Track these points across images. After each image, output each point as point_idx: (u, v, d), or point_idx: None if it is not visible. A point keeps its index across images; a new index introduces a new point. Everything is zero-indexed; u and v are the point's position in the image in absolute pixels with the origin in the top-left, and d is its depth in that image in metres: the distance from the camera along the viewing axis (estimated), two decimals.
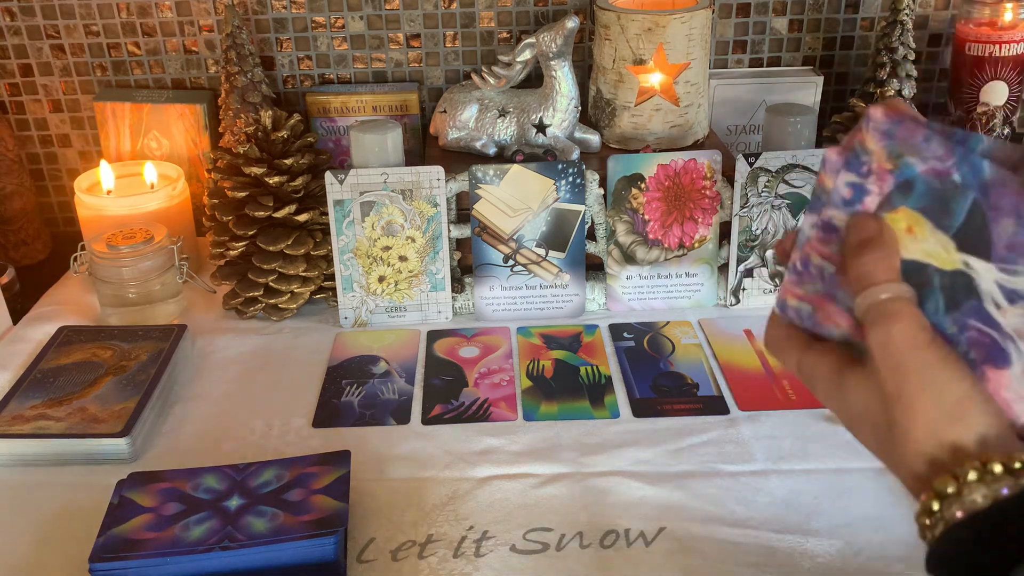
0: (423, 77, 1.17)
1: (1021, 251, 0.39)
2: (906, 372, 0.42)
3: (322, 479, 0.69)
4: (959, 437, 0.41)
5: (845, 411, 0.46)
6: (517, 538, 0.68)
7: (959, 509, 0.40)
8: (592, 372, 0.88)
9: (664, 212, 0.95)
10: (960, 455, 0.41)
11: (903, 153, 0.41)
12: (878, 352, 0.43)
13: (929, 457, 0.42)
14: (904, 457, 0.43)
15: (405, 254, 0.94)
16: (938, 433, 0.41)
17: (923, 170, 0.41)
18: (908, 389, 0.42)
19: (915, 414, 0.42)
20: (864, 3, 1.15)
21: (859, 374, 0.45)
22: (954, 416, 0.41)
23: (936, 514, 0.41)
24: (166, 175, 1.08)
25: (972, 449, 0.41)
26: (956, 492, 0.40)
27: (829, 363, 0.46)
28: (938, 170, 0.41)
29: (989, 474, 0.39)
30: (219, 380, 0.88)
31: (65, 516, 0.71)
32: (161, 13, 1.12)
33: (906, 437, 0.42)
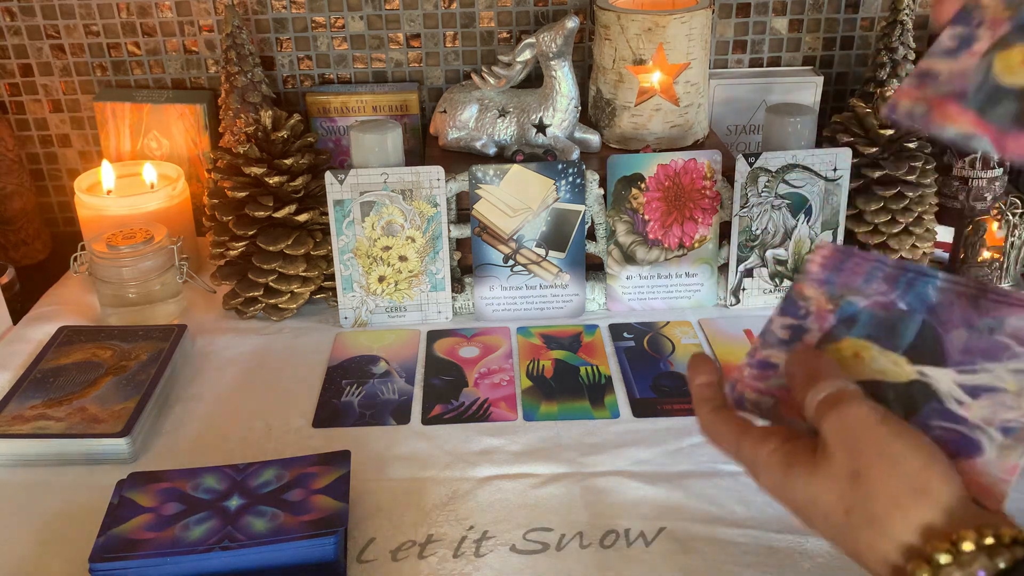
0: (423, 77, 1.17)
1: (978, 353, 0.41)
2: (862, 450, 0.41)
3: (322, 479, 0.69)
4: (925, 514, 0.40)
5: (791, 499, 0.44)
6: (517, 538, 0.68)
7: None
8: (592, 372, 0.88)
9: (664, 212, 0.95)
10: (929, 536, 0.39)
11: (844, 295, 0.45)
12: (832, 437, 0.42)
13: (899, 542, 0.40)
14: (872, 543, 0.41)
15: (405, 254, 0.94)
16: (903, 508, 0.40)
17: (866, 304, 0.44)
18: (866, 465, 0.41)
19: (876, 491, 0.40)
20: (864, 3, 1.15)
21: (805, 462, 0.43)
22: (917, 488, 0.40)
23: None
24: (166, 175, 1.08)
25: (940, 524, 0.39)
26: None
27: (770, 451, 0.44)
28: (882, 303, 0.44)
29: (961, 555, 0.38)
30: (219, 380, 0.88)
31: (65, 516, 0.71)
32: (161, 13, 1.12)
33: (871, 520, 0.41)
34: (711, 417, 0.48)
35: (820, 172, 0.93)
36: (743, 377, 0.48)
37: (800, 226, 0.95)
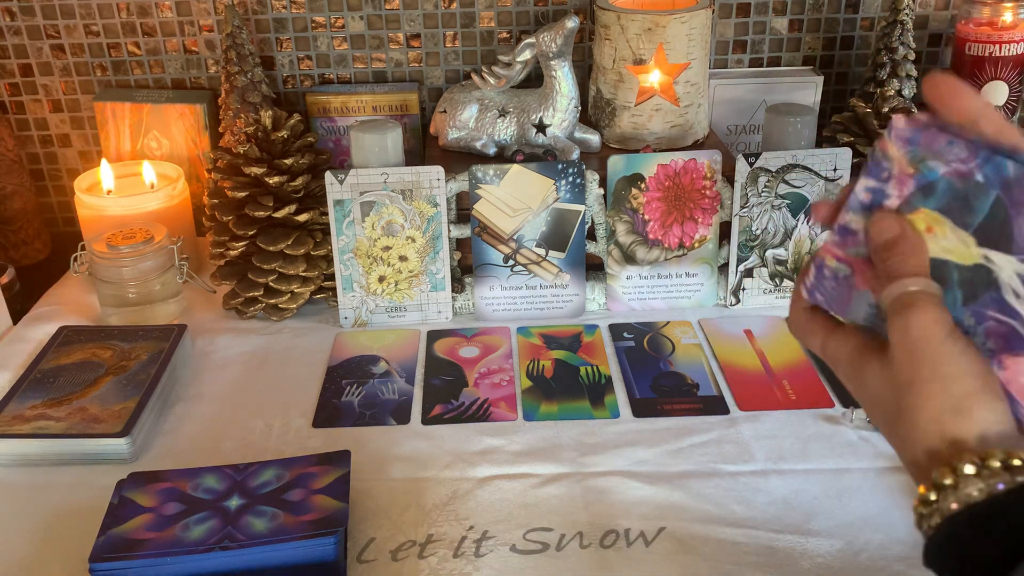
0: (423, 77, 1.17)
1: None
2: (920, 362, 0.43)
3: (322, 479, 0.69)
4: (960, 431, 0.42)
5: (862, 394, 0.48)
6: (517, 538, 0.68)
7: (955, 501, 0.41)
8: (592, 372, 0.88)
9: (664, 212, 0.95)
10: (959, 449, 0.42)
11: (925, 158, 0.43)
12: (896, 340, 0.44)
13: (930, 448, 0.43)
14: (908, 445, 0.44)
15: (405, 254, 0.94)
16: (941, 424, 0.42)
17: (945, 172, 0.43)
18: (920, 378, 0.43)
19: (922, 403, 0.43)
20: (864, 3, 1.15)
21: (877, 360, 0.46)
22: (959, 410, 0.42)
23: (932, 505, 0.42)
24: (166, 175, 1.08)
25: (972, 444, 0.42)
26: (953, 484, 0.41)
27: (851, 347, 0.48)
28: (961, 171, 0.42)
29: (986, 469, 0.40)
30: (219, 380, 0.88)
31: (65, 516, 0.71)
32: (161, 13, 1.12)
33: (912, 425, 0.44)
34: (805, 315, 0.51)
35: (820, 172, 0.93)
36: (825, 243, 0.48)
37: (800, 226, 0.95)
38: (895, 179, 0.44)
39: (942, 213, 0.43)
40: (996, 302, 0.42)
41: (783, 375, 0.86)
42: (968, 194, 0.42)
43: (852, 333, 0.49)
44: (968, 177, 0.42)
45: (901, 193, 0.44)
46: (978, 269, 0.42)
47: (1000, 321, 0.42)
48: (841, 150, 0.93)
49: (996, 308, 0.42)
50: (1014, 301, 0.41)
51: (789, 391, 0.84)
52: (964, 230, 0.43)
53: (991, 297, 0.42)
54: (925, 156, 0.43)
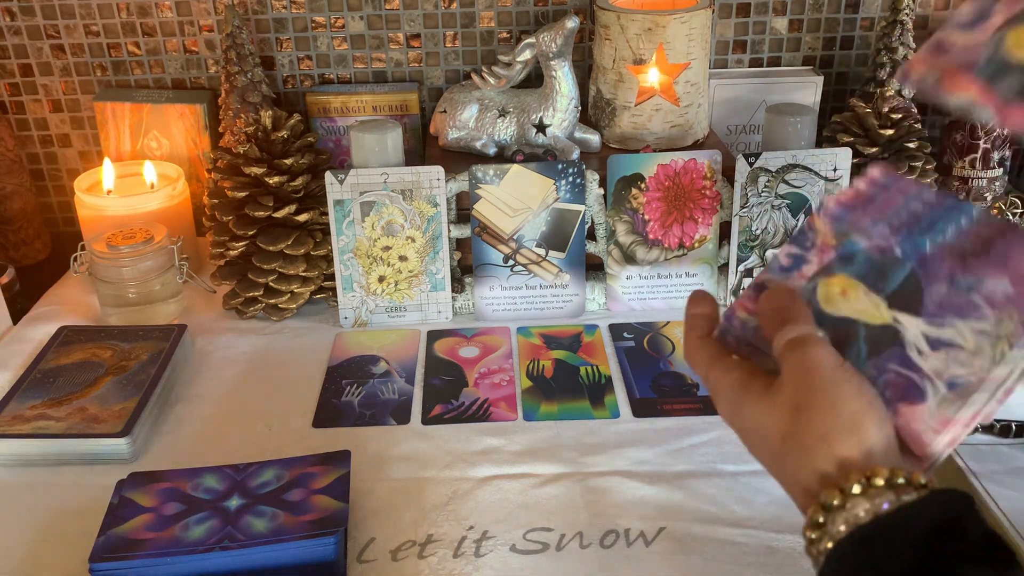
0: (423, 77, 1.17)
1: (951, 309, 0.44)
2: (812, 387, 0.44)
3: (322, 479, 0.69)
4: (848, 450, 0.42)
5: (739, 424, 0.48)
6: (517, 538, 0.68)
7: (843, 523, 0.41)
8: (592, 372, 0.88)
9: (664, 212, 0.95)
10: (847, 468, 0.42)
11: (850, 233, 0.47)
12: (788, 373, 0.45)
13: (819, 471, 0.43)
14: (796, 470, 0.44)
15: (405, 254, 0.94)
16: (830, 443, 0.43)
17: (867, 246, 0.47)
18: (809, 401, 0.44)
19: (811, 423, 0.43)
20: (864, 3, 1.15)
21: (759, 392, 0.47)
22: (848, 428, 0.43)
23: (822, 528, 0.42)
24: (166, 175, 1.08)
25: (859, 461, 0.42)
26: (841, 505, 0.41)
27: (732, 379, 0.48)
28: (881, 247, 0.46)
29: (872, 488, 0.41)
30: (219, 380, 0.88)
31: (65, 516, 0.71)
32: (161, 13, 1.12)
33: (800, 446, 0.44)
34: (695, 343, 0.51)
35: (820, 172, 0.93)
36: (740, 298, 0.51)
37: (800, 226, 0.95)
38: (817, 248, 0.48)
39: (858, 279, 0.47)
40: (898, 357, 0.45)
41: None
42: (885, 266, 0.46)
43: (736, 365, 0.49)
44: (888, 251, 0.46)
45: (821, 261, 0.48)
46: (885, 328, 0.45)
47: (900, 374, 0.44)
48: (841, 150, 0.93)
49: (898, 363, 0.44)
50: (916, 357, 0.44)
51: None
52: (877, 295, 0.46)
53: (894, 352, 0.45)
54: (850, 231, 0.47)
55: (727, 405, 0.49)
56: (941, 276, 0.44)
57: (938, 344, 0.44)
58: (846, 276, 0.47)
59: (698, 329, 0.52)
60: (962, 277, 0.44)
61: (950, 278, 0.44)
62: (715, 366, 0.50)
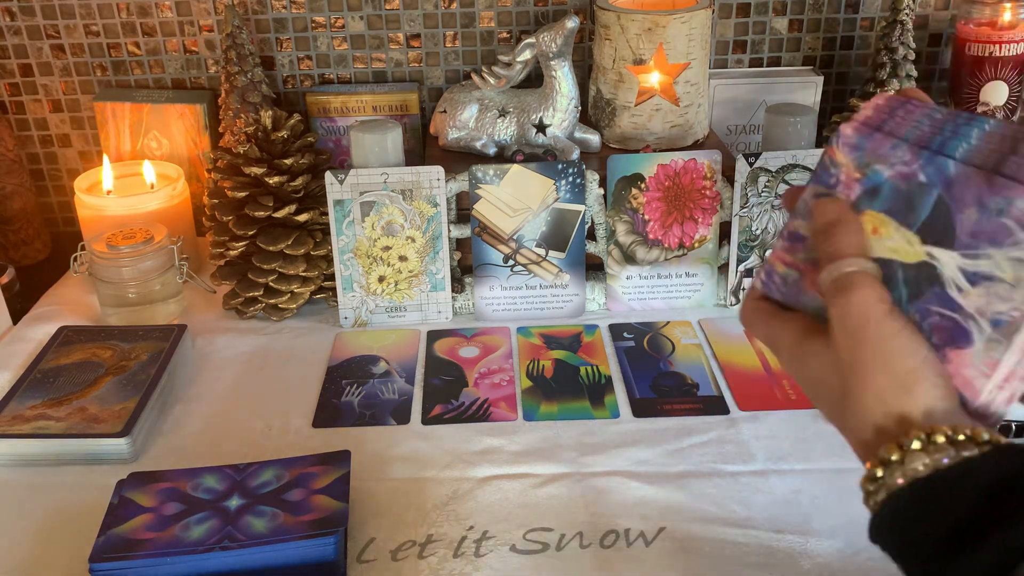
0: (423, 77, 1.17)
1: (984, 236, 0.41)
2: (861, 341, 0.44)
3: (322, 479, 0.69)
4: (906, 408, 0.42)
5: (804, 377, 0.48)
6: (517, 538, 0.68)
7: (900, 476, 0.41)
8: (592, 372, 0.88)
9: (664, 212, 0.95)
10: (906, 425, 0.42)
11: (871, 162, 0.45)
12: (836, 321, 0.45)
13: (877, 425, 0.43)
14: (855, 426, 0.44)
15: (405, 254, 0.94)
16: (887, 402, 0.43)
17: (890, 175, 0.44)
18: (862, 357, 0.44)
19: (866, 382, 0.43)
20: (864, 3, 1.15)
21: (818, 342, 0.46)
22: (903, 387, 0.43)
23: (879, 480, 0.42)
24: (166, 175, 1.08)
25: (918, 420, 0.42)
26: (899, 460, 0.41)
27: (792, 330, 0.48)
28: (904, 173, 0.44)
29: (932, 444, 0.41)
30: (219, 380, 0.88)
31: (65, 516, 0.71)
32: (161, 13, 1.12)
33: (857, 405, 0.44)
34: (753, 304, 0.51)
35: None
36: (775, 249, 0.49)
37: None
38: (842, 184, 0.46)
39: (887, 214, 0.45)
40: (939, 297, 0.43)
41: (783, 375, 0.86)
42: (912, 194, 0.44)
43: (795, 317, 0.49)
44: (911, 178, 0.44)
45: (848, 197, 0.46)
46: (922, 266, 0.43)
47: (943, 316, 0.43)
48: None
49: (939, 304, 0.43)
50: (956, 295, 0.42)
51: (789, 391, 0.84)
52: (908, 229, 0.44)
53: (935, 293, 0.43)
54: (871, 160, 0.45)
55: (788, 361, 0.49)
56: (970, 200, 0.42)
57: (976, 278, 0.41)
58: (875, 212, 0.45)
59: (754, 291, 0.52)
60: (991, 199, 0.41)
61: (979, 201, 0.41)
62: (773, 323, 0.49)
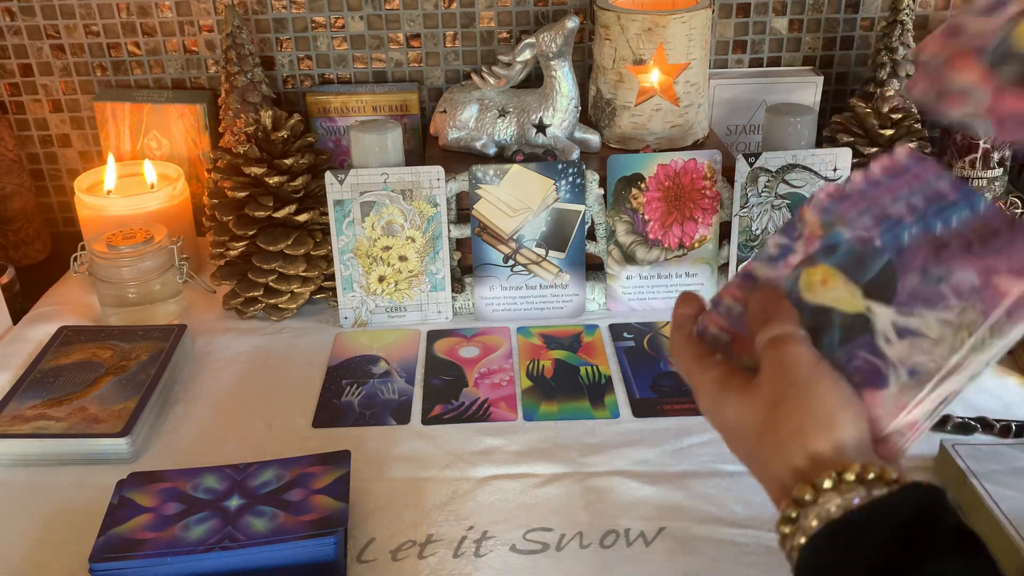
0: (423, 77, 1.17)
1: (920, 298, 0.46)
2: (790, 381, 0.45)
3: (322, 479, 0.69)
4: (820, 445, 0.43)
5: (719, 420, 0.49)
6: (517, 538, 0.68)
7: (815, 518, 0.41)
8: (592, 372, 0.88)
9: (664, 212, 0.95)
10: (819, 464, 0.43)
11: (835, 224, 0.50)
12: (767, 370, 0.46)
13: (792, 466, 0.43)
14: (771, 465, 0.45)
15: (405, 254, 0.94)
16: (804, 437, 0.44)
17: (850, 236, 0.49)
18: (787, 394, 0.45)
19: (787, 419, 0.44)
20: (864, 3, 1.15)
21: (737, 389, 0.47)
22: (821, 423, 0.44)
23: (795, 522, 0.42)
24: (166, 175, 1.08)
25: (830, 456, 0.43)
26: (812, 500, 0.42)
27: (713, 376, 0.49)
28: (863, 238, 0.48)
29: (843, 483, 0.41)
30: (219, 380, 0.88)
31: (65, 516, 0.71)
32: (161, 13, 1.12)
33: (776, 443, 0.45)
34: (681, 341, 0.52)
35: (820, 172, 0.93)
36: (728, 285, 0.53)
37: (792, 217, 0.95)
38: (804, 239, 0.51)
39: (838, 268, 0.49)
40: (868, 345, 0.47)
41: None
42: (865, 256, 0.48)
43: (717, 363, 0.50)
44: (869, 242, 0.48)
45: (807, 250, 0.50)
46: (858, 317, 0.47)
47: (867, 360, 0.46)
48: (841, 150, 0.93)
49: (866, 350, 0.46)
50: (884, 345, 0.46)
51: None
52: (855, 284, 0.48)
53: (864, 340, 0.47)
54: (835, 222, 0.50)
55: (707, 402, 0.49)
56: (915, 266, 0.46)
57: (905, 332, 0.46)
58: (828, 266, 0.49)
59: (684, 328, 0.53)
60: (934, 268, 0.46)
61: (923, 269, 0.46)
62: (697, 364, 0.50)
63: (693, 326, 0.52)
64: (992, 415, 0.79)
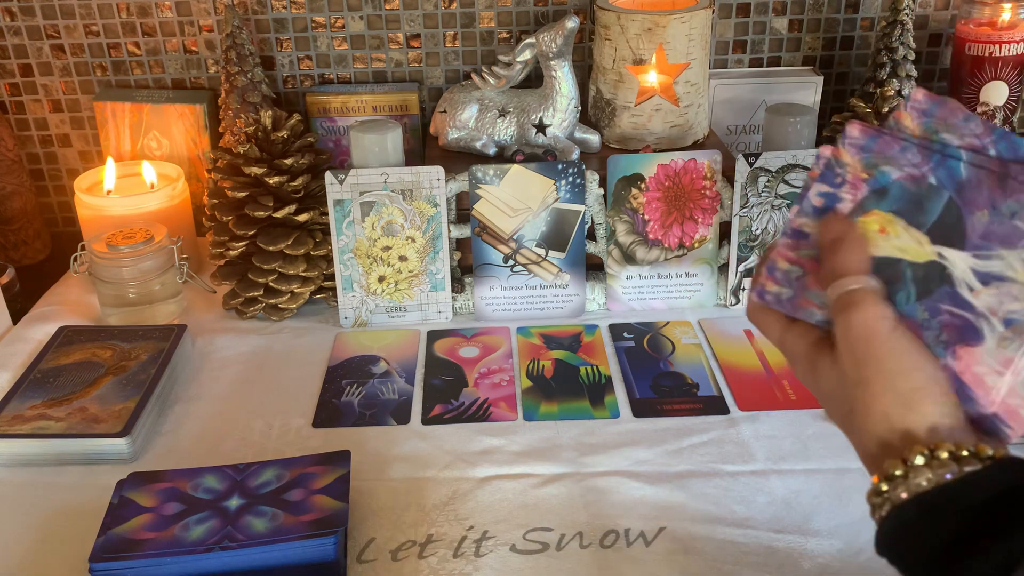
0: (423, 77, 1.17)
1: (996, 238, 0.42)
2: (865, 360, 0.45)
3: (322, 479, 0.69)
4: (911, 425, 0.43)
5: (817, 389, 0.49)
6: (517, 538, 0.68)
7: (904, 491, 0.42)
8: (592, 372, 0.88)
9: (664, 212, 0.95)
10: (910, 440, 0.43)
11: (879, 163, 0.45)
12: (841, 340, 0.46)
13: (882, 440, 0.44)
14: (862, 440, 0.46)
15: (405, 254, 0.94)
16: (891, 419, 0.44)
17: (898, 176, 0.45)
18: (866, 376, 0.44)
19: (871, 400, 0.44)
20: (864, 3, 1.15)
21: (829, 358, 0.47)
22: (908, 405, 0.43)
23: (884, 494, 0.43)
24: (166, 175, 1.08)
25: (922, 437, 0.43)
26: (903, 475, 0.42)
27: (807, 343, 0.49)
28: (914, 175, 0.44)
29: (936, 460, 0.42)
30: (219, 380, 0.88)
31: (65, 516, 0.71)
32: (161, 13, 1.12)
33: (863, 421, 0.45)
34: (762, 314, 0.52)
35: None
36: (778, 245, 0.49)
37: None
38: (848, 184, 0.46)
39: (896, 214, 0.45)
40: (950, 296, 0.43)
41: (783, 375, 0.86)
42: (921, 196, 0.44)
43: (809, 329, 0.50)
44: (921, 180, 0.44)
45: (855, 197, 0.46)
46: (932, 266, 0.44)
47: (954, 314, 0.43)
48: None
49: (950, 302, 0.43)
50: (967, 294, 0.43)
51: (789, 391, 0.84)
52: (918, 229, 0.44)
53: (945, 291, 0.43)
54: (878, 162, 0.45)
55: (803, 373, 0.50)
56: (981, 203, 0.42)
57: (988, 278, 0.42)
58: (882, 212, 0.45)
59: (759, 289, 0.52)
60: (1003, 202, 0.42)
61: (991, 204, 0.42)
62: (789, 332, 0.50)
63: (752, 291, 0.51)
64: None
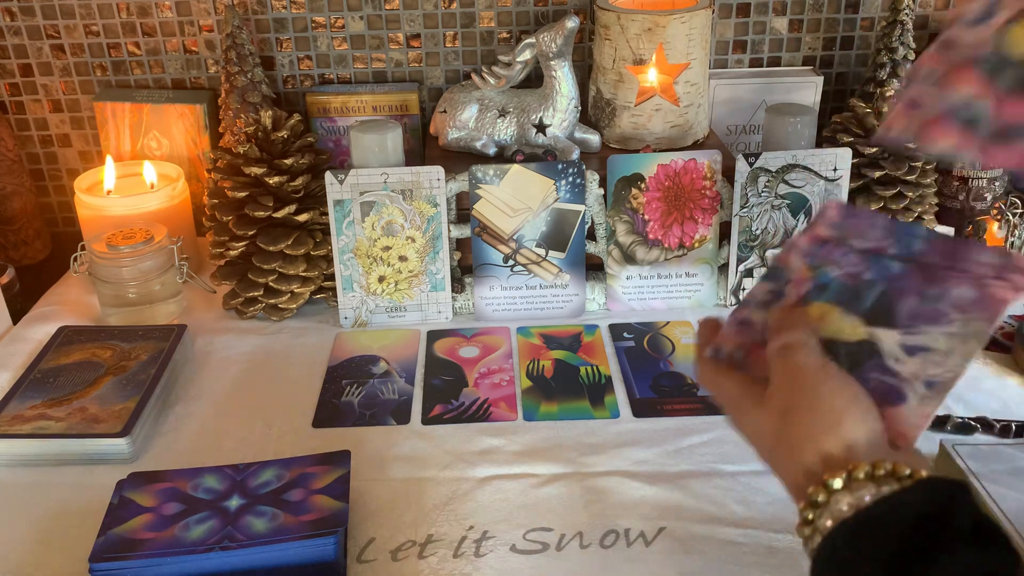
0: (423, 77, 1.17)
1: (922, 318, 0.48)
2: (796, 389, 0.46)
3: (322, 479, 0.69)
4: (831, 447, 0.44)
5: (743, 430, 0.51)
6: (517, 538, 0.68)
7: (829, 518, 0.42)
8: (592, 372, 0.88)
9: (664, 212, 0.95)
10: (830, 464, 0.43)
11: (822, 265, 0.52)
12: (777, 378, 0.48)
13: (806, 468, 0.45)
14: (788, 470, 0.46)
15: (405, 254, 0.94)
16: (815, 441, 0.45)
17: (838, 275, 0.51)
18: (795, 401, 0.46)
19: (797, 424, 0.45)
20: (864, 3, 1.15)
21: (755, 399, 0.49)
22: (829, 425, 0.44)
23: (812, 524, 0.43)
24: (166, 175, 1.08)
25: (840, 457, 0.43)
26: (825, 501, 0.42)
27: (734, 389, 0.51)
28: (852, 273, 0.51)
29: (853, 481, 0.42)
30: (219, 380, 0.88)
31: (65, 516, 0.71)
32: (161, 13, 1.12)
33: (789, 448, 0.46)
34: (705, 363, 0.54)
35: (820, 172, 0.93)
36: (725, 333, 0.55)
37: (800, 226, 0.95)
38: (793, 282, 0.52)
39: (833, 304, 0.50)
40: (878, 366, 0.48)
41: None
42: (858, 289, 0.50)
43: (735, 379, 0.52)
44: (858, 276, 0.50)
45: (799, 292, 0.52)
46: (863, 343, 0.49)
47: (881, 381, 0.47)
48: (841, 150, 0.93)
49: (878, 371, 0.48)
50: (894, 364, 0.48)
51: None
52: (854, 315, 0.50)
53: (874, 363, 0.48)
54: (822, 264, 0.52)
55: (733, 413, 0.51)
56: (911, 291, 0.49)
57: (914, 350, 0.47)
58: (822, 303, 0.51)
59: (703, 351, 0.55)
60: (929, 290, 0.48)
61: (919, 292, 0.48)
62: (719, 379, 0.53)
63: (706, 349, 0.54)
64: (992, 415, 0.79)
